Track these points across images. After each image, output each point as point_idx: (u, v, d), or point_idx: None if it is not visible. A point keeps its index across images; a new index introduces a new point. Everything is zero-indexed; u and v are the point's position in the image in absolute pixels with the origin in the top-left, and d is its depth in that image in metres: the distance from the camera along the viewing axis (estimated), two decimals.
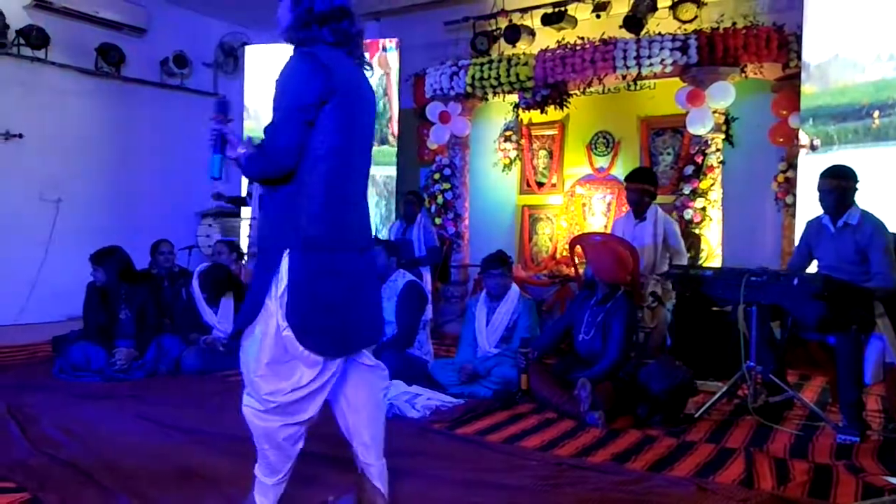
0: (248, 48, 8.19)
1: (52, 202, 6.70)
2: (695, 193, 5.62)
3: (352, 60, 2.16)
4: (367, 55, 2.28)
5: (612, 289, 3.94)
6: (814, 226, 3.84)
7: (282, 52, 7.84)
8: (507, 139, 7.29)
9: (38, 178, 6.57)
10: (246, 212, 7.33)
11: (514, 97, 6.76)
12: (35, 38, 6.43)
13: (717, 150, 5.69)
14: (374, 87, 6.61)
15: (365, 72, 2.24)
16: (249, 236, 6.60)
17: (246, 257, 6.28)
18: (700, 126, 5.56)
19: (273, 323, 2.05)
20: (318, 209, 2.06)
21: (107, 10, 7.04)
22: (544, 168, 7.18)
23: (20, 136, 6.46)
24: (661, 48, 5.56)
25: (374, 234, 2.22)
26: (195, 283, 4.91)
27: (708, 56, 5.45)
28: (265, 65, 7.98)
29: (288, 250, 2.05)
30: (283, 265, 2.05)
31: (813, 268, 3.84)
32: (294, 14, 2.10)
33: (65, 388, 4.07)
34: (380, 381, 2.37)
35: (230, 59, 8.47)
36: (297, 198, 2.06)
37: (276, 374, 2.07)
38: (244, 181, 7.18)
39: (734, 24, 5.59)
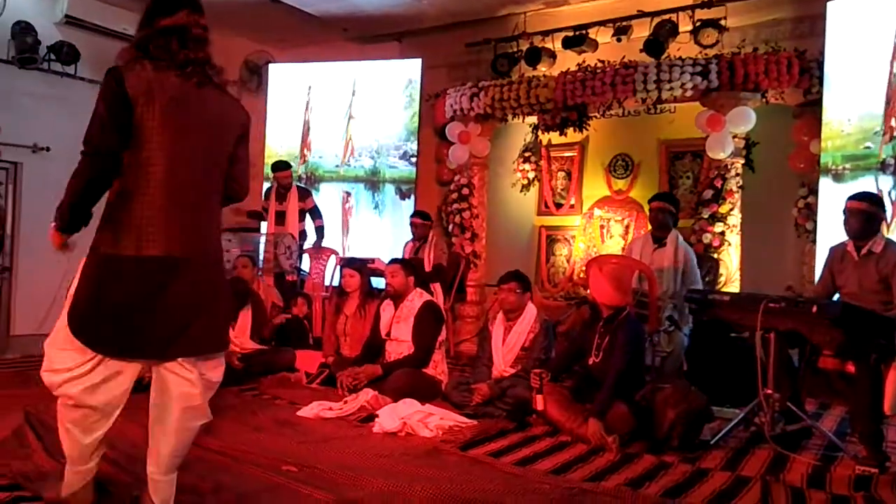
0: (271, 66, 8.32)
1: None
2: (714, 218, 5.58)
3: (183, 79, 2.20)
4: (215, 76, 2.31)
5: (616, 311, 3.90)
6: (837, 253, 3.81)
7: (305, 71, 7.96)
8: (526, 160, 7.32)
9: (63, 190, 6.68)
10: (264, 227, 7.39)
11: (534, 118, 6.79)
12: (66, 54, 6.58)
13: (737, 174, 5.66)
14: None
15: (207, 92, 2.26)
16: (266, 251, 6.66)
17: (261, 272, 6.34)
18: (720, 150, 5.54)
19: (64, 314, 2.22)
20: (115, 215, 2.18)
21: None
22: (562, 189, 7.19)
23: (47, 149, 6.60)
24: (682, 72, 5.56)
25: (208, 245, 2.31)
26: None
27: (729, 81, 5.44)
28: (289, 83, 8.10)
29: (90, 250, 2.21)
30: (82, 262, 2.24)
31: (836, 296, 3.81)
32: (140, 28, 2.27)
33: None
34: (188, 391, 2.28)
35: (254, 78, 8.60)
36: (108, 201, 2.23)
37: (66, 355, 2.21)
38: (262, 196, 7.27)
39: (755, 49, 5.60)
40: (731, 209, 5.59)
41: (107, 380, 2.24)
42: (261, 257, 6.76)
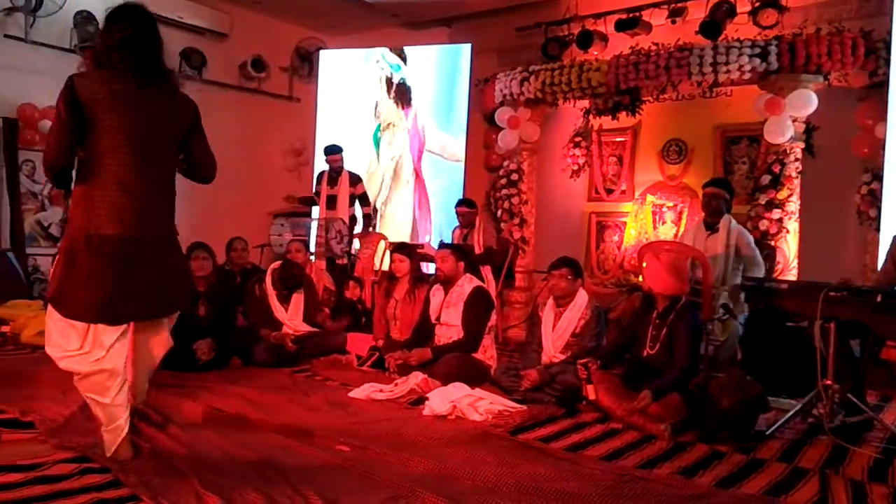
0: (322, 53, 8.39)
1: None
2: (771, 204, 5.42)
3: (127, 84, 2.57)
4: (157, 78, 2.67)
5: (672, 300, 3.83)
6: None
7: (355, 58, 7.99)
8: (577, 145, 7.23)
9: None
10: (315, 212, 7.50)
11: (585, 103, 6.70)
12: None
13: (796, 159, 5.48)
14: None
15: (150, 92, 2.62)
16: (318, 236, 6.76)
17: (314, 256, 6.44)
18: (779, 135, 5.37)
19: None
20: (79, 199, 2.58)
21: (191, 16, 7.34)
22: (614, 175, 7.09)
23: None
24: (740, 54, 5.39)
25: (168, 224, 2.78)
26: (268, 279, 5.05)
27: (789, 63, 5.26)
28: (339, 70, 8.16)
29: (63, 229, 2.67)
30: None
31: None
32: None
33: None
34: (156, 346, 2.89)
35: (306, 64, 8.70)
36: (76, 187, 2.62)
37: (59, 331, 2.62)
38: (314, 181, 7.36)
39: (818, 29, 5.39)
40: (790, 195, 5.43)
41: (111, 348, 2.63)
42: (312, 241, 6.87)
